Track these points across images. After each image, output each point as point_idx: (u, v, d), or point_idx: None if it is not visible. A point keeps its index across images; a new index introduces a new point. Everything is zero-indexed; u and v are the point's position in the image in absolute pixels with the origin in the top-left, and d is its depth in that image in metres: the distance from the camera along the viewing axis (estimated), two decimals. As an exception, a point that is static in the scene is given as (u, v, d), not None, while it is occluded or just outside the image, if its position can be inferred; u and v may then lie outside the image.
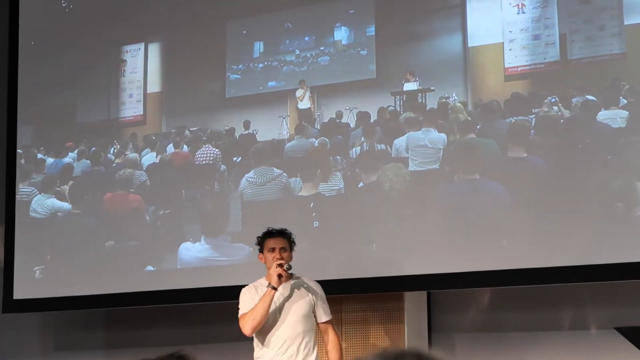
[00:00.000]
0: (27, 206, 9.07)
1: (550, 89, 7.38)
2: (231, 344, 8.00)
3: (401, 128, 7.80)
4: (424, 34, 7.84)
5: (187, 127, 8.60)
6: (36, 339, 9.28)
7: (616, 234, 7.02)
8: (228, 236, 8.30)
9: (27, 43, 9.30)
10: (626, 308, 7.07)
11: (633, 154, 7.06)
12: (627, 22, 7.19)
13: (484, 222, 7.44)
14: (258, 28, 8.44)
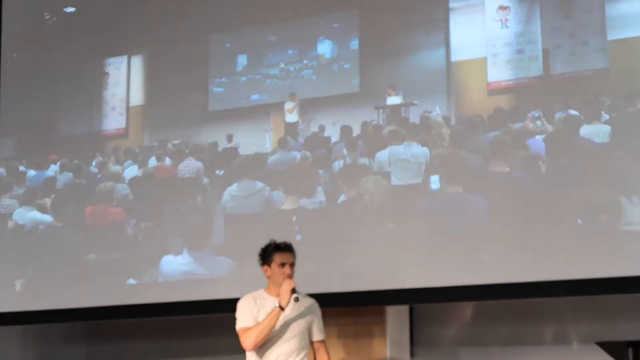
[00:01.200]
0: (7, 219, 9.06)
1: (533, 104, 7.40)
2: (214, 357, 8.00)
3: (384, 142, 7.81)
4: (407, 48, 7.86)
5: (170, 140, 8.60)
6: (17, 353, 9.25)
7: (599, 249, 7.03)
8: (211, 249, 8.29)
9: (9, 55, 9.29)
10: (608, 323, 7.09)
11: (615, 169, 7.08)
12: (610, 37, 7.22)
13: (467, 236, 7.44)
14: (241, 41, 8.46)
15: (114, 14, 8.96)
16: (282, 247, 6.75)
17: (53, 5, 9.24)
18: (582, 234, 7.11)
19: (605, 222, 7.07)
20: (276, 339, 6.70)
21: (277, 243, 6.79)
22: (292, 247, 6.79)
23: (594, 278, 7.00)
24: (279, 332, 6.70)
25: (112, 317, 8.57)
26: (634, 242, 6.93)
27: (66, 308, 8.70)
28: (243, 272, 8.03)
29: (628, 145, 7.07)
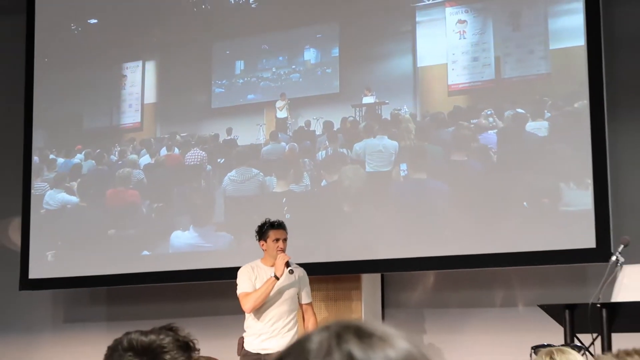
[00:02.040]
0: (40, 200, 9.02)
1: (486, 103, 7.42)
2: (216, 317, 8.00)
3: (360, 135, 7.82)
4: (380, 55, 7.86)
5: (178, 133, 8.57)
6: (48, 313, 9.23)
7: (541, 226, 7.08)
8: (213, 226, 8.29)
9: (41, 60, 9.24)
10: (548, 289, 7.13)
11: (555, 159, 7.12)
12: (552, 47, 7.25)
13: (430, 215, 7.48)
14: (239, 49, 8.43)
15: (130, 25, 8.92)
16: (275, 224, 6.85)
17: (78, 17, 9.20)
18: (527, 214, 7.16)
19: (547, 204, 7.13)
20: (271, 303, 6.76)
21: (271, 221, 6.87)
22: (284, 225, 6.90)
23: (537, 251, 7.05)
24: (274, 297, 6.76)
25: (129, 282, 8.57)
26: (571, 221, 6.98)
27: (90, 275, 8.68)
28: (240, 245, 8.04)
29: (566, 139, 7.12)
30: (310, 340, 1.00)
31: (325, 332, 1.00)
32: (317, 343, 0.98)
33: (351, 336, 0.98)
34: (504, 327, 7.29)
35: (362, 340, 0.97)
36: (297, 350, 0.99)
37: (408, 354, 0.98)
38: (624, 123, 7.17)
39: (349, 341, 0.97)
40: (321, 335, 0.99)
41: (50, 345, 9.11)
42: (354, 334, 0.99)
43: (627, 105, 7.21)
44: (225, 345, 7.30)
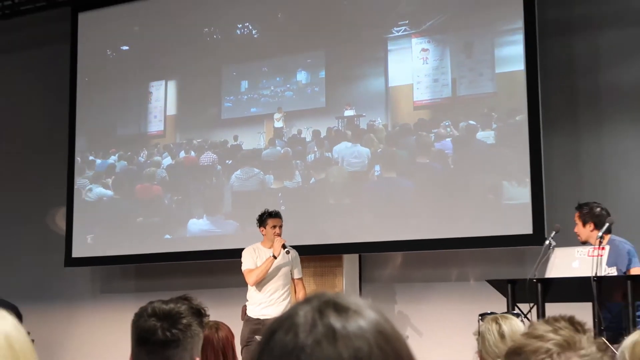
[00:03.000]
0: (82, 193, 9.02)
1: (444, 116, 7.43)
2: (225, 289, 8.00)
3: (342, 141, 7.82)
4: (358, 76, 7.86)
5: (194, 139, 8.57)
6: (87, 286, 9.24)
7: (488, 216, 7.10)
8: (222, 215, 8.30)
9: (82, 79, 9.24)
10: (494, 267, 7.13)
11: (500, 162, 7.15)
12: (497, 71, 7.27)
13: (399, 207, 7.49)
14: (244, 71, 8.42)
15: (155, 51, 8.91)
16: (273, 214, 6.90)
17: (113, 45, 9.18)
18: (477, 206, 7.18)
19: (493, 198, 7.15)
20: (269, 277, 6.80)
21: (269, 211, 6.92)
22: (280, 214, 6.96)
23: (485, 236, 7.07)
24: (271, 273, 6.79)
25: (153, 261, 8.57)
26: (512, 212, 7.01)
27: (121, 254, 8.69)
28: (245, 230, 8.03)
29: (509, 146, 7.14)
30: (297, 315, 1.00)
31: (309, 306, 1.00)
32: (303, 317, 0.99)
33: (331, 310, 0.99)
34: (458, 298, 7.31)
35: (339, 314, 0.99)
36: (287, 323, 1.00)
37: (377, 322, 1.00)
38: (555, 133, 7.19)
39: (329, 315, 0.98)
40: (305, 309, 1.00)
41: (89, 312, 9.12)
42: (333, 308, 1.00)
43: (558, 119, 7.22)
44: (231, 312, 7.29)
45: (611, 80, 7.14)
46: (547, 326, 1.68)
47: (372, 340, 0.98)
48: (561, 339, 1.63)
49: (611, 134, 7.10)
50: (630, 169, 7.02)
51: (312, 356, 0.96)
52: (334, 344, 0.96)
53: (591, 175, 7.13)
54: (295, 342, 0.97)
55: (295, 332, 0.98)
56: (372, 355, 0.97)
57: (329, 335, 0.97)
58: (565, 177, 7.16)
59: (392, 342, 1.00)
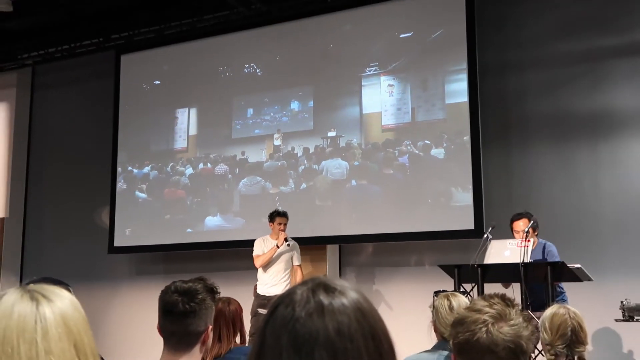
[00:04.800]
0: (122, 195, 8.99)
1: (406, 137, 7.44)
2: (235, 271, 7.98)
3: (327, 156, 7.82)
4: (339, 105, 7.86)
5: (210, 154, 8.55)
6: (125, 269, 9.20)
7: (440, 215, 7.10)
8: (232, 214, 8.27)
9: (123, 106, 9.23)
10: (445, 255, 7.13)
11: (448, 172, 7.15)
12: (447, 102, 7.29)
13: (370, 207, 7.49)
14: (250, 101, 8.42)
15: (181, 84, 8.90)
16: (281, 213, 6.91)
17: (147, 79, 9.16)
18: (431, 207, 7.18)
19: (443, 201, 7.15)
20: (273, 262, 6.77)
21: (278, 211, 6.91)
22: (286, 214, 6.92)
23: (437, 230, 7.08)
24: (275, 259, 6.76)
25: (178, 249, 8.54)
26: (458, 212, 7.01)
27: (153, 244, 8.67)
28: (250, 226, 8.02)
29: (455, 160, 7.15)
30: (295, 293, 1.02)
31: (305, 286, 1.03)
32: (300, 295, 1.02)
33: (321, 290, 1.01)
34: (416, 279, 7.31)
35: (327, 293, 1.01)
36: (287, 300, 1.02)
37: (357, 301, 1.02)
38: (492, 150, 7.22)
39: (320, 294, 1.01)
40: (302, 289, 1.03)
41: (127, 289, 9.08)
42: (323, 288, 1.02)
43: (494, 139, 7.25)
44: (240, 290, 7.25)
45: (536, 110, 7.17)
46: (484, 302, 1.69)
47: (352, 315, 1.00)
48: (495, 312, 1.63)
49: (535, 152, 7.13)
50: (549, 179, 7.05)
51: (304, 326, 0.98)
52: (322, 317, 0.99)
53: (519, 183, 7.15)
54: (292, 314, 0.99)
55: (293, 306, 1.00)
56: (351, 328, 0.99)
57: (319, 310, 0.99)
58: (500, 185, 7.18)
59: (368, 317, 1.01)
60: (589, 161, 6.90)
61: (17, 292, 1.23)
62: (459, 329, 1.66)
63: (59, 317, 1.22)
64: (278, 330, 0.99)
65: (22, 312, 1.19)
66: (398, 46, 7.59)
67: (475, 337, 1.60)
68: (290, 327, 0.98)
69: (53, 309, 1.22)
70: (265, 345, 1.00)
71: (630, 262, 6.53)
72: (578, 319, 2.87)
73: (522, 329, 1.62)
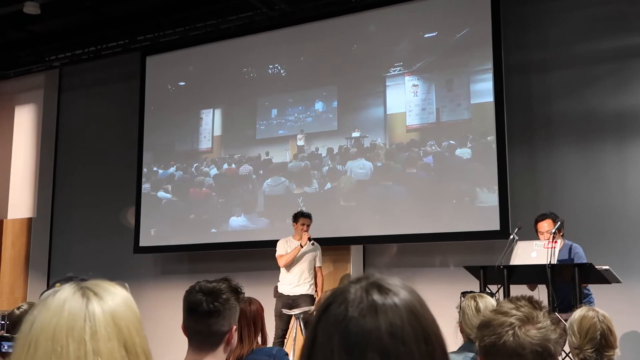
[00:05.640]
0: (148, 196, 9.05)
1: (430, 137, 7.40)
2: (259, 271, 7.98)
3: (351, 157, 7.80)
4: (363, 106, 7.85)
5: (235, 154, 8.57)
6: (151, 268, 9.26)
7: (465, 215, 7.05)
8: (256, 214, 8.28)
9: (149, 108, 9.30)
10: (470, 256, 7.07)
11: (474, 173, 7.10)
12: (472, 102, 7.24)
13: (394, 208, 7.46)
14: (274, 101, 8.43)
15: (205, 85, 8.94)
16: (304, 214, 6.94)
17: (172, 81, 9.22)
18: (456, 208, 7.13)
19: (468, 201, 7.10)
20: (297, 262, 6.79)
21: (302, 212, 6.93)
22: (310, 215, 6.96)
23: (462, 231, 7.03)
24: (298, 259, 6.78)
25: (202, 249, 8.58)
26: (484, 212, 6.96)
27: (178, 244, 8.71)
28: (274, 226, 8.03)
29: (481, 160, 7.09)
30: (349, 292, 1.01)
31: (358, 285, 1.02)
32: (353, 294, 1.01)
33: (375, 289, 1.01)
34: (441, 280, 7.24)
35: (381, 293, 1.00)
36: (340, 299, 1.01)
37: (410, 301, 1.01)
38: (517, 150, 7.15)
39: (373, 293, 1.00)
40: (355, 287, 1.02)
41: (153, 289, 9.13)
42: (377, 288, 1.01)
43: (519, 140, 7.18)
44: (263, 290, 7.27)
45: (559, 110, 7.10)
46: (511, 304, 1.66)
47: (405, 317, 0.99)
48: (522, 315, 1.61)
49: (561, 152, 7.05)
50: (575, 180, 6.97)
51: (357, 325, 0.97)
52: (375, 317, 0.98)
53: (544, 184, 7.07)
54: (345, 313, 0.98)
55: (346, 305, 0.99)
56: (404, 329, 0.98)
57: (372, 310, 0.98)
58: (525, 186, 7.11)
59: (421, 320, 1.01)
60: (615, 161, 6.80)
61: (71, 289, 1.19)
62: (485, 332, 1.64)
63: (109, 315, 1.18)
64: (330, 329, 0.98)
65: (72, 310, 1.16)
66: (422, 46, 7.55)
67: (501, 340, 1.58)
68: (342, 326, 0.97)
69: (103, 307, 1.18)
70: (317, 343, 0.99)
71: (659, 264, 6.43)
72: (607, 322, 2.82)
73: (550, 332, 1.59)
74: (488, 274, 5.52)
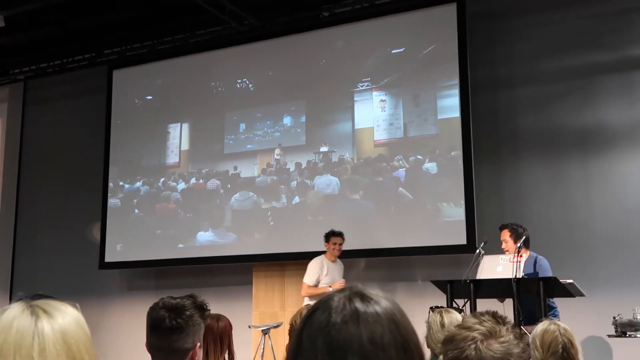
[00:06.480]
0: (113, 210, 8.93)
1: (398, 152, 7.44)
2: (227, 287, 7.93)
3: (319, 172, 7.80)
4: (331, 121, 7.85)
5: (202, 169, 8.52)
6: (117, 284, 9.14)
7: (431, 230, 7.08)
8: (224, 229, 8.22)
9: (115, 122, 9.21)
10: (437, 270, 7.10)
11: (441, 187, 7.15)
12: (439, 117, 7.30)
13: (362, 222, 7.46)
14: (242, 116, 8.41)
15: (173, 100, 8.89)
16: (336, 233, 6.65)
17: (140, 95, 9.15)
18: (423, 222, 7.16)
19: (435, 216, 7.14)
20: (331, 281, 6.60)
21: (333, 231, 6.66)
22: (342, 234, 6.65)
23: (430, 245, 7.05)
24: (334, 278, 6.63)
25: (169, 264, 8.49)
26: (450, 227, 7.00)
27: (144, 259, 8.61)
28: (241, 241, 7.98)
29: (447, 175, 7.15)
30: (333, 300, 1.05)
31: (342, 294, 1.06)
32: (337, 302, 1.05)
33: (357, 298, 1.04)
34: (409, 295, 7.25)
35: (363, 301, 1.04)
36: (324, 305, 1.05)
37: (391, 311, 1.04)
38: (483, 166, 7.22)
39: (356, 302, 1.04)
40: (339, 296, 1.06)
41: (119, 305, 9.01)
42: (359, 297, 1.05)
43: (485, 155, 7.26)
44: (232, 307, 7.23)
45: (525, 125, 7.19)
46: (475, 319, 1.67)
47: (385, 325, 1.02)
48: (485, 329, 1.62)
49: (527, 167, 7.14)
50: (541, 194, 7.05)
51: (340, 331, 1.00)
52: (357, 323, 1.01)
53: (510, 198, 7.15)
54: (328, 320, 1.02)
55: (329, 312, 1.03)
56: (384, 336, 1.01)
57: (354, 317, 1.02)
58: (491, 200, 7.18)
59: (401, 328, 1.04)
60: (580, 176, 6.91)
61: (19, 307, 1.19)
62: (448, 347, 1.64)
63: (59, 333, 1.18)
64: (314, 334, 1.02)
65: (21, 328, 1.16)
66: (390, 62, 7.60)
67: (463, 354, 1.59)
68: (326, 332, 1.01)
69: (53, 324, 1.18)
70: (301, 348, 1.03)
71: (623, 277, 6.52)
72: (569, 335, 2.85)
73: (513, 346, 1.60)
74: (455, 288, 5.54)
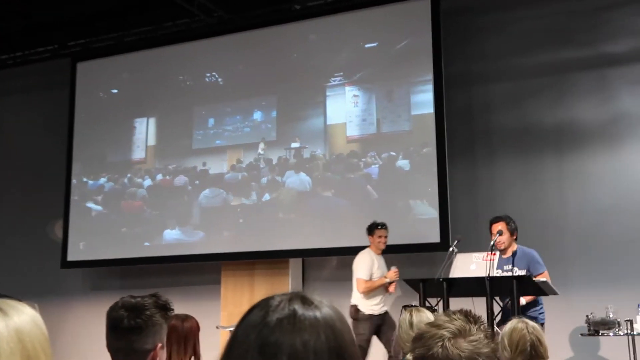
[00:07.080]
0: (76, 208, 8.80)
1: (371, 148, 7.43)
2: (195, 286, 7.86)
3: (290, 168, 7.76)
4: (303, 116, 7.83)
5: (170, 165, 8.43)
6: (79, 284, 9.02)
7: (405, 228, 7.08)
8: (191, 226, 8.14)
9: (79, 116, 9.08)
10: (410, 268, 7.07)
11: (414, 184, 7.16)
12: (412, 113, 7.30)
13: (334, 220, 7.44)
14: (211, 111, 8.34)
15: (139, 93, 8.78)
16: (379, 225, 6.55)
17: (104, 88, 9.03)
18: (396, 220, 7.13)
19: (409, 213, 7.15)
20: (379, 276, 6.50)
21: (376, 223, 6.53)
22: (386, 226, 6.55)
23: (402, 244, 7.03)
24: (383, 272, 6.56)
25: (135, 263, 8.39)
26: (424, 225, 7.01)
27: (108, 258, 8.49)
28: (209, 239, 7.92)
29: (421, 172, 7.15)
30: (273, 299, 1.05)
31: (284, 295, 1.06)
32: (276, 301, 1.04)
33: (298, 300, 1.04)
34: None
35: (303, 304, 1.04)
36: (263, 303, 1.05)
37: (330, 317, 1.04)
38: (457, 162, 7.25)
39: (296, 303, 1.04)
40: (281, 297, 1.06)
41: (82, 305, 8.89)
42: (300, 299, 1.05)
43: (459, 151, 7.28)
44: (200, 306, 7.16)
45: (500, 122, 7.24)
46: (446, 317, 1.67)
47: (322, 330, 1.01)
48: (454, 328, 1.61)
49: (501, 164, 7.18)
50: (515, 191, 7.10)
51: (272, 331, 1.00)
52: (292, 325, 1.00)
53: (484, 195, 7.18)
54: (265, 317, 1.02)
55: (267, 310, 1.03)
56: (317, 341, 1.00)
57: (290, 318, 1.01)
58: (465, 198, 7.21)
59: (338, 336, 1.03)
60: (554, 173, 6.96)
61: None
62: (417, 344, 1.64)
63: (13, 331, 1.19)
64: (248, 330, 1.02)
65: None
66: (363, 56, 7.59)
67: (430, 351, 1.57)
68: (259, 329, 1.01)
69: (7, 322, 1.19)
70: (235, 342, 1.03)
71: (595, 276, 6.59)
72: (537, 333, 2.86)
73: (483, 345, 1.59)
74: (428, 286, 5.55)
